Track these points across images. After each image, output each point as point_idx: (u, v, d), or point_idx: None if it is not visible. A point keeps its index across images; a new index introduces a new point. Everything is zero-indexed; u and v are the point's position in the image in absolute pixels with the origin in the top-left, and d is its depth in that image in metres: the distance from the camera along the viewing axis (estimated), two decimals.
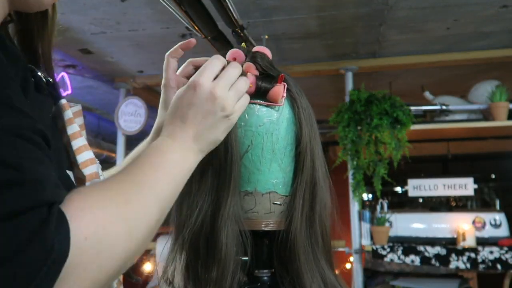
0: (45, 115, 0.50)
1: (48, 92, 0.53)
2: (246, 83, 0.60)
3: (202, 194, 0.62)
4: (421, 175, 2.74)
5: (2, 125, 0.35)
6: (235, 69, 0.59)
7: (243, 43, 0.70)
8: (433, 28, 2.18)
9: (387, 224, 2.38)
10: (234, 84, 0.58)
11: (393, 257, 2.28)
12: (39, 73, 0.53)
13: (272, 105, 0.64)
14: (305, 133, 0.65)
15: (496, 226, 2.37)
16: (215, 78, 0.57)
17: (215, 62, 0.59)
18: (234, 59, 0.66)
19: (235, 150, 0.62)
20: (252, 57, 0.65)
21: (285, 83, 0.65)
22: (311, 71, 2.67)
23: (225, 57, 0.67)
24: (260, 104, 0.64)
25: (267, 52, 0.67)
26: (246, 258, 0.66)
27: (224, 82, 0.57)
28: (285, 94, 0.64)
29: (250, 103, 0.63)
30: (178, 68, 0.73)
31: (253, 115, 0.64)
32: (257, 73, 0.64)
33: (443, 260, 2.22)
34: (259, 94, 0.64)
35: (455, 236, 2.35)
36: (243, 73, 0.63)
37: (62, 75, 2.61)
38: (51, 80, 0.54)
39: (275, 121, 0.64)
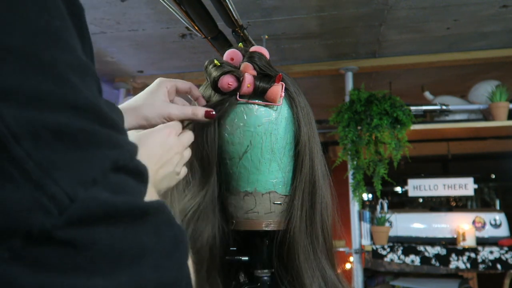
0: None
1: None
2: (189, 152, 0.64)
3: (189, 192, 0.64)
4: (421, 175, 2.74)
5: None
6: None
7: (240, 43, 0.70)
8: (433, 28, 2.18)
9: (387, 224, 2.38)
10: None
11: (393, 257, 2.28)
12: None
13: (270, 105, 0.64)
14: (303, 132, 0.65)
15: (496, 226, 2.37)
16: None
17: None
18: (232, 59, 0.66)
19: (211, 148, 0.64)
20: (250, 57, 0.65)
21: (283, 83, 0.65)
22: (311, 71, 2.67)
23: (223, 57, 0.67)
24: (258, 104, 0.64)
25: (265, 52, 0.66)
26: (246, 258, 0.66)
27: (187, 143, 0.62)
28: (283, 94, 0.64)
29: (248, 103, 0.64)
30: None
31: (252, 115, 0.64)
32: (255, 73, 0.64)
33: (443, 260, 2.22)
34: (257, 94, 0.64)
35: (455, 236, 2.35)
36: (240, 73, 0.63)
37: None
38: None
39: (274, 121, 0.64)
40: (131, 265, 0.29)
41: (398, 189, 3.58)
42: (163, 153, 0.57)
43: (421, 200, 3.57)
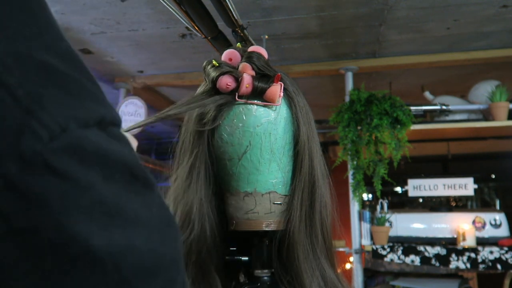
0: None
1: None
2: None
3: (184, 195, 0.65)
4: (421, 175, 2.74)
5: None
6: None
7: (238, 43, 0.69)
8: (433, 28, 2.18)
9: (387, 224, 2.38)
10: None
11: (393, 257, 2.28)
12: None
13: (269, 105, 0.64)
14: (302, 132, 0.65)
15: (496, 226, 2.37)
16: None
17: None
18: (230, 59, 0.66)
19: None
20: (248, 57, 0.65)
21: (281, 83, 0.64)
22: (311, 71, 2.67)
23: (221, 57, 0.67)
24: (257, 105, 0.64)
25: (263, 52, 0.66)
26: (246, 258, 0.66)
27: None
28: (282, 94, 0.64)
29: (247, 103, 0.64)
30: None
31: (251, 115, 0.64)
32: (253, 73, 0.64)
33: (443, 260, 2.22)
34: (256, 94, 0.63)
35: (455, 236, 2.35)
36: (239, 73, 0.63)
37: None
38: None
39: (273, 121, 0.64)
40: (124, 227, 0.26)
41: (398, 189, 3.59)
42: None
43: (421, 200, 3.57)
